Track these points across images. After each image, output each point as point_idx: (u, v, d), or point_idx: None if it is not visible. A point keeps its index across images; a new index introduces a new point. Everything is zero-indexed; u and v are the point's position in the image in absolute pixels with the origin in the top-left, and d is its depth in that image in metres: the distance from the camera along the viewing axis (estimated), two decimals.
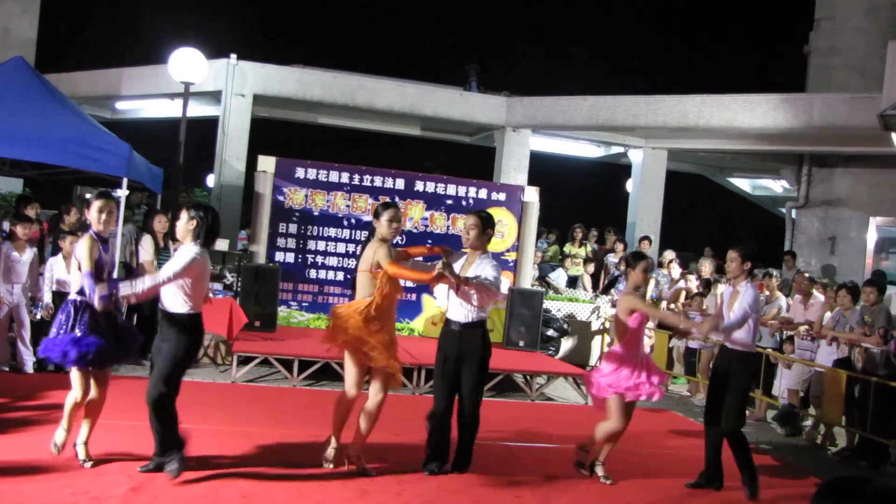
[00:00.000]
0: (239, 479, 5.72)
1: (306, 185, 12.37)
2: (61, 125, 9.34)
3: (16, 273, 8.97)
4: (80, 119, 9.98)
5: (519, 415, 5.99)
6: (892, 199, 15.92)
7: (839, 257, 16.41)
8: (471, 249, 6.35)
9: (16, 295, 8.99)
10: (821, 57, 17.45)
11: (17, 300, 9.02)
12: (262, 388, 9.44)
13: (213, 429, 5.67)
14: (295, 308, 12.29)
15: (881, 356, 8.53)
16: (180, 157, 12.68)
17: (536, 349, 11.94)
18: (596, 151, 19.28)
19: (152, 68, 16.43)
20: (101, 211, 5.72)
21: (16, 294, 8.99)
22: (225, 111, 16.11)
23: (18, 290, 9.02)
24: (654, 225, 17.50)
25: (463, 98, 17.41)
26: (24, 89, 9.62)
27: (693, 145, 17.44)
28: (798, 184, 17.21)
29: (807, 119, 14.98)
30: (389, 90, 16.91)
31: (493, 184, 14.68)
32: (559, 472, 6.79)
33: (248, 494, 5.44)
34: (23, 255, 9.06)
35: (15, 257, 8.99)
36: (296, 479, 5.87)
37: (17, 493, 5.08)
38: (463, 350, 6.23)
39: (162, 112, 18.46)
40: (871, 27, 16.56)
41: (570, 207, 22.48)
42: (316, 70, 16.96)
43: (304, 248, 12.36)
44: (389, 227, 6.07)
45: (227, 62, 16.00)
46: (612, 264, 14.95)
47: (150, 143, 14.56)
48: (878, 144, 14.17)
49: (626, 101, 16.43)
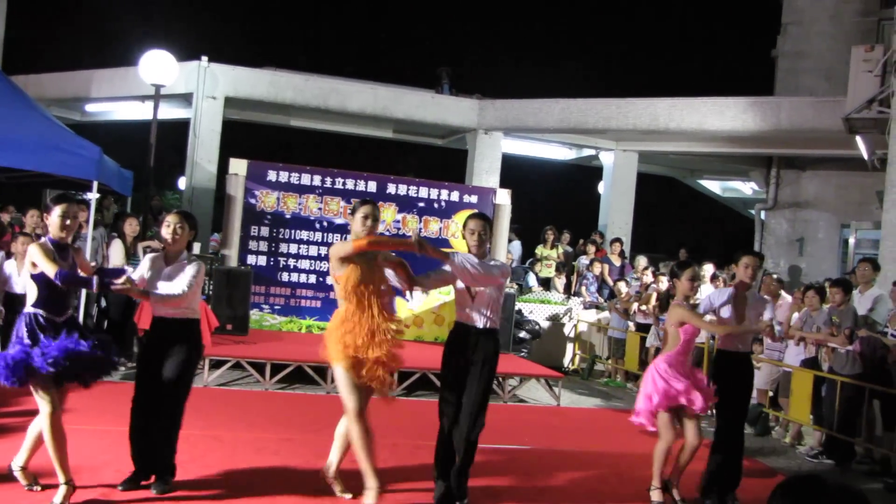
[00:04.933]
0: (211, 484, 5.70)
1: (278, 188, 12.34)
2: (29, 128, 9.25)
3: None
4: (48, 122, 9.90)
5: (491, 416, 5.99)
6: (858, 202, 16.15)
7: (807, 258, 16.63)
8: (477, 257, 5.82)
9: None
10: (788, 61, 17.68)
11: None
12: (235, 391, 9.41)
13: (185, 433, 5.65)
14: (267, 311, 12.24)
15: (847, 356, 8.65)
16: (151, 159, 12.59)
17: (509, 351, 11.98)
18: (567, 154, 19.39)
19: (122, 70, 16.32)
20: (64, 216, 5.23)
21: None
22: (196, 114, 16.03)
23: None
24: (625, 227, 17.63)
25: (435, 101, 17.45)
26: None
27: (664, 148, 17.59)
28: (767, 186, 17.43)
29: (775, 122, 15.17)
30: (362, 93, 16.91)
31: (465, 186, 14.74)
32: (532, 472, 6.83)
33: (220, 499, 5.43)
34: None
35: None
36: (269, 485, 5.86)
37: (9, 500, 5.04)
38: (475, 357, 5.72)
39: (132, 114, 18.33)
40: (836, 32, 16.81)
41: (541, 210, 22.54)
42: (288, 73, 16.93)
43: (276, 251, 12.32)
44: (363, 225, 5.59)
45: (199, 64, 15.93)
46: (583, 266, 15.04)
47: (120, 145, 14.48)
48: (844, 147, 14.38)
49: (598, 104, 16.55)
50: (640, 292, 13.46)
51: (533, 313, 13.80)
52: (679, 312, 6.35)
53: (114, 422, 7.14)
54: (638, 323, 12.90)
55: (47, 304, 5.16)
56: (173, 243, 5.59)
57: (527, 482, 6.55)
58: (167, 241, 5.62)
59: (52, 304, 5.17)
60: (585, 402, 11.15)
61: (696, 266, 6.63)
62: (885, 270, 10.09)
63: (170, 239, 5.58)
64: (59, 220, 5.22)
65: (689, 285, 6.49)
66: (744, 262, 6.80)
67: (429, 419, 6.28)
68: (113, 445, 6.29)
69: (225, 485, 5.73)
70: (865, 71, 12.00)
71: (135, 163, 12.19)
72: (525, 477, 6.70)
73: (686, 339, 6.36)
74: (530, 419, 9.41)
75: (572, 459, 7.54)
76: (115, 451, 6.11)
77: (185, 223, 5.63)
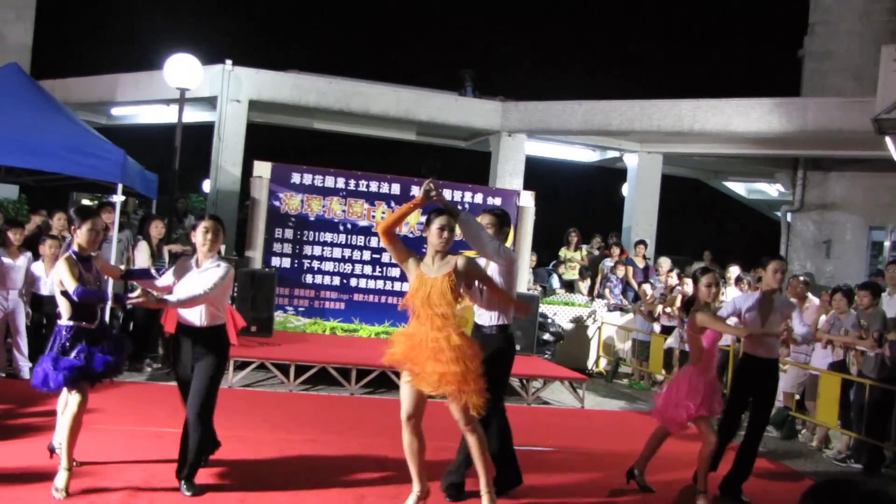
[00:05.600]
0: (235, 485, 5.73)
1: (302, 191, 12.39)
2: (56, 132, 9.34)
3: (10, 279, 8.94)
4: (74, 125, 9.99)
5: (515, 419, 5.98)
6: (887, 204, 15.97)
7: (834, 261, 16.46)
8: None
9: (11, 301, 8.96)
10: (815, 61, 17.50)
11: (13, 306, 8.99)
12: (259, 392, 9.45)
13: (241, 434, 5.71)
14: (291, 313, 12.29)
15: (876, 359, 8.56)
16: (176, 162, 12.67)
17: (533, 353, 11.96)
18: (591, 156, 19.31)
19: (148, 74, 16.43)
20: (92, 230, 5.56)
21: (11, 300, 8.96)
22: (220, 117, 16.12)
23: (14, 296, 9.00)
24: (649, 229, 17.53)
25: (458, 103, 17.44)
26: (19, 96, 9.61)
27: (688, 149, 17.47)
28: (793, 188, 17.26)
29: (801, 123, 15.02)
30: (385, 95, 16.93)
31: (489, 188, 14.71)
32: (556, 475, 6.81)
33: (245, 499, 5.45)
34: (16, 260, 9.03)
35: (8, 263, 8.96)
36: (292, 485, 5.87)
37: (14, 499, 5.09)
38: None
39: (157, 118, 18.46)
40: (864, 31, 16.61)
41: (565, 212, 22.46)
42: (311, 76, 16.98)
43: (300, 253, 12.37)
44: (440, 237, 5.34)
45: (223, 68, 16.02)
46: (607, 268, 14.97)
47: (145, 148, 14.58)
48: (872, 148, 14.22)
49: (621, 106, 16.47)
50: (664, 294, 13.39)
51: (557, 315, 13.75)
52: (699, 318, 6.33)
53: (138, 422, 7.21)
54: (663, 325, 12.83)
55: (81, 315, 5.48)
56: (210, 249, 5.59)
57: (550, 484, 6.53)
58: (201, 247, 5.61)
59: (84, 314, 5.49)
60: (609, 405, 11.11)
61: (716, 272, 6.61)
62: None
63: (206, 245, 5.58)
64: (87, 235, 5.54)
65: (706, 291, 6.46)
66: (772, 266, 6.79)
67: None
68: (138, 445, 6.34)
69: (249, 485, 5.74)
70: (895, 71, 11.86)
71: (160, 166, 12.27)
72: (549, 479, 6.67)
73: (709, 347, 6.35)
74: (554, 421, 9.39)
75: (596, 461, 7.51)
76: (142, 450, 6.16)
77: (219, 228, 5.66)
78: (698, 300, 6.55)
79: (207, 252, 5.58)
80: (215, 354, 5.58)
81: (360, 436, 7.51)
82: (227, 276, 5.53)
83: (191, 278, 5.53)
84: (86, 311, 5.50)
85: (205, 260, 5.59)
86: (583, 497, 6.36)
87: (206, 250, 5.58)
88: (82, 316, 5.49)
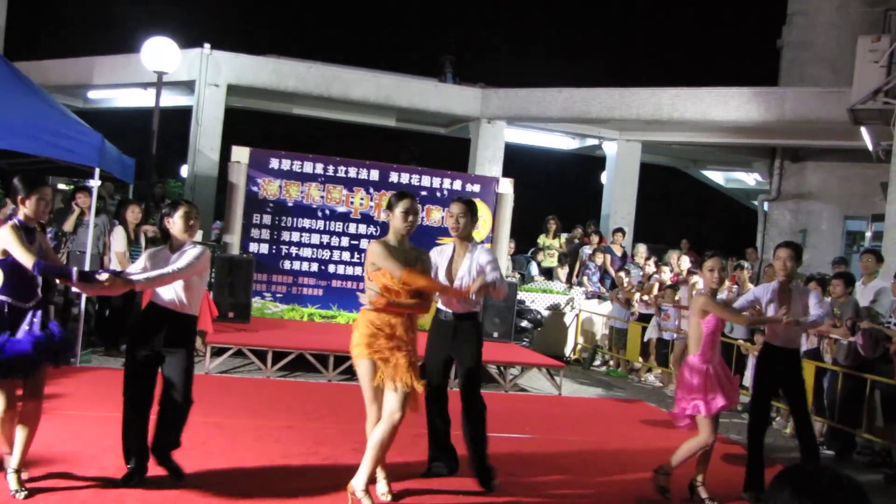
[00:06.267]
0: (213, 471, 5.73)
1: (280, 176, 12.34)
2: (31, 113, 9.20)
3: None
4: (50, 107, 9.84)
5: (493, 406, 6.00)
6: (862, 193, 16.13)
7: (810, 249, 16.61)
8: (458, 240, 5.95)
9: None
10: (793, 51, 17.63)
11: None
12: (236, 378, 9.44)
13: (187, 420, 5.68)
14: (269, 299, 12.27)
15: (848, 347, 8.67)
16: (153, 147, 12.58)
17: (511, 340, 12.01)
18: (570, 143, 19.37)
19: (125, 57, 16.30)
20: (40, 200, 5.13)
21: None
22: (199, 101, 16.03)
23: None
24: (628, 217, 17.63)
25: (438, 89, 17.43)
26: None
27: (667, 138, 17.57)
28: (770, 177, 17.42)
29: (779, 112, 15.14)
30: (364, 81, 16.89)
31: (468, 175, 14.73)
32: (533, 461, 6.85)
33: (223, 485, 5.45)
34: None
35: None
36: (269, 472, 5.88)
37: None
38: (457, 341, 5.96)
39: (135, 102, 18.33)
40: (842, 22, 16.74)
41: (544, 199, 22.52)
42: (291, 60, 16.91)
43: (278, 239, 12.34)
44: (405, 220, 5.40)
45: (201, 52, 15.92)
46: (586, 255, 15.04)
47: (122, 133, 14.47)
48: (848, 138, 14.37)
49: (601, 94, 16.52)
50: (641, 282, 13.47)
51: (535, 302, 13.81)
52: (701, 301, 6.18)
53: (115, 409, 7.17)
54: (640, 313, 12.91)
55: (15, 290, 4.98)
56: (190, 235, 5.40)
57: (528, 471, 6.57)
58: (182, 232, 5.37)
59: (20, 290, 5.00)
60: (587, 392, 11.18)
61: (720, 257, 6.47)
62: (888, 262, 10.08)
63: (184, 229, 5.36)
64: (36, 206, 5.11)
65: (709, 276, 6.28)
66: (777, 254, 6.68)
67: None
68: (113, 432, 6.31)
69: (227, 472, 5.74)
70: (871, 61, 11.96)
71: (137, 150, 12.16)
72: (526, 466, 6.71)
73: (708, 332, 6.15)
74: (531, 408, 9.43)
75: (573, 448, 7.56)
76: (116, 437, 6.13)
77: (197, 214, 5.48)
78: (704, 285, 6.44)
79: (186, 237, 5.38)
80: (186, 345, 5.42)
81: (338, 422, 7.52)
82: (202, 256, 5.30)
83: (166, 263, 5.27)
84: (25, 287, 5.01)
85: (178, 246, 5.39)
86: (559, 484, 6.40)
87: (186, 236, 5.37)
88: (18, 291, 4.98)
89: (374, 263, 5.29)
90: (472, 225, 5.97)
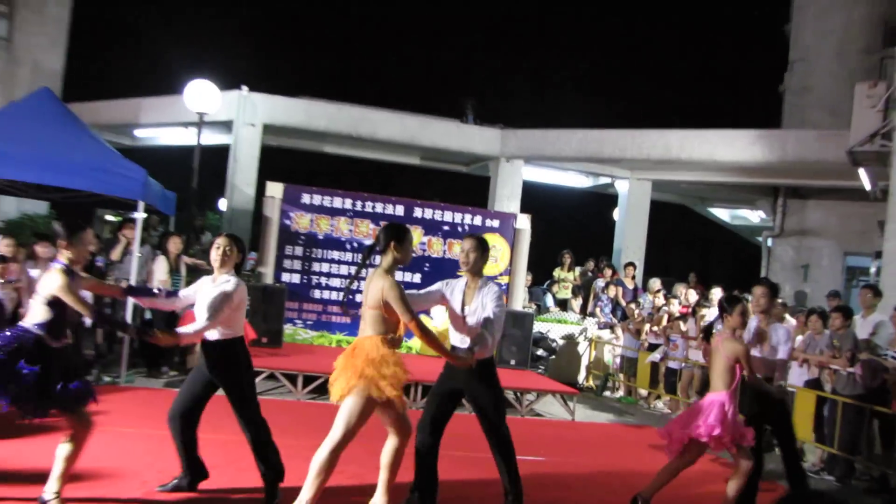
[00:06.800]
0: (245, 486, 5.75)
1: (312, 210, 12.45)
2: (83, 152, 9.40)
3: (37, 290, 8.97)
4: (99, 146, 10.05)
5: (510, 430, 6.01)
6: (860, 231, 16.04)
7: (811, 284, 16.53)
8: (470, 275, 5.72)
9: None
10: (795, 95, 17.67)
11: None
12: (268, 400, 9.44)
13: (223, 438, 5.73)
14: (300, 326, 12.33)
15: (848, 378, 8.60)
16: (194, 182, 12.75)
17: (527, 367, 11.98)
18: (584, 181, 19.40)
19: (169, 99, 16.56)
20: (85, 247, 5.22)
21: None
22: (236, 140, 16.23)
23: None
24: (638, 251, 17.60)
25: (460, 130, 17.55)
26: (50, 118, 9.69)
27: (676, 177, 17.56)
28: (773, 214, 17.35)
29: (781, 153, 15.12)
30: (390, 122, 17.04)
31: (488, 211, 14.78)
32: (547, 483, 6.83)
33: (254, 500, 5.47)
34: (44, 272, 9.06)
35: (35, 276, 9.01)
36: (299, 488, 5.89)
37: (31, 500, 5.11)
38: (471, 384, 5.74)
39: (177, 140, 18.58)
40: (840, 69, 16.79)
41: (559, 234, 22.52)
42: (322, 102, 17.10)
43: (308, 270, 12.42)
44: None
45: (239, 94, 16.14)
46: (598, 288, 15.01)
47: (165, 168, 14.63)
48: (847, 178, 14.31)
49: (613, 135, 16.58)
50: (651, 314, 13.42)
51: (550, 332, 13.79)
52: (736, 349, 6.01)
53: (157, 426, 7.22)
54: (649, 343, 12.86)
55: (49, 328, 4.91)
56: (221, 265, 5.43)
57: (542, 492, 6.55)
58: (215, 263, 5.44)
59: (52, 329, 4.93)
60: (599, 418, 11.12)
61: (746, 301, 6.35)
62: (886, 296, 10.01)
63: (218, 261, 5.42)
64: (79, 250, 5.15)
65: (739, 320, 6.16)
66: (753, 292, 6.70)
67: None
68: (155, 448, 6.37)
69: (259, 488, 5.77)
70: (868, 106, 11.96)
71: (178, 185, 12.32)
72: (540, 487, 6.70)
73: (740, 377, 6.03)
74: (546, 432, 9.40)
75: (585, 472, 7.53)
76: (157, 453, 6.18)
77: (233, 246, 5.49)
78: (727, 327, 6.21)
79: (220, 268, 5.45)
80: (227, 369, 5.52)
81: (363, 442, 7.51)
82: (233, 293, 5.31)
83: (205, 291, 5.42)
84: (57, 328, 4.94)
85: (219, 275, 5.49)
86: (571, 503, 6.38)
87: (218, 266, 5.45)
88: (50, 330, 4.90)
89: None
90: (482, 261, 5.71)
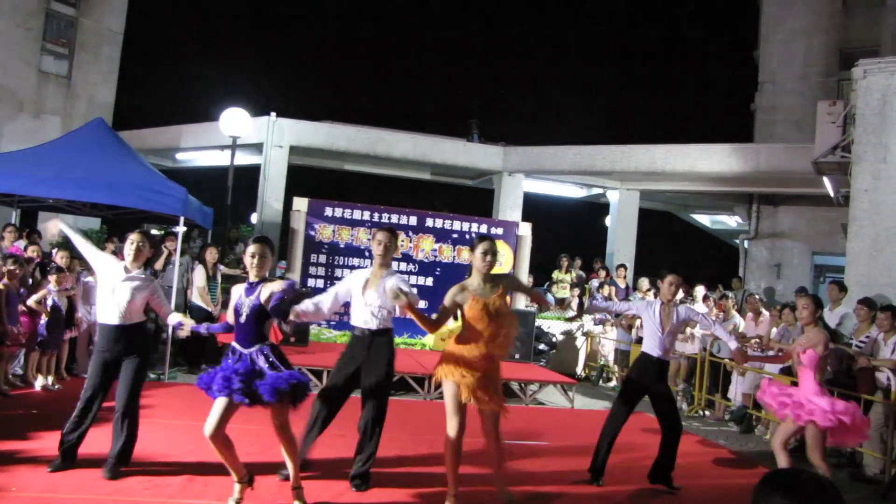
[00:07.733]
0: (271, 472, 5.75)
1: (334, 222, 12.47)
2: (130, 174, 9.48)
3: (93, 296, 9.05)
4: (145, 168, 10.14)
5: (514, 417, 5.99)
6: (826, 233, 15.96)
7: (783, 281, 16.43)
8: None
9: (93, 314, 9.05)
10: (765, 113, 17.63)
11: (95, 319, 9.06)
12: None
13: (255, 428, 5.73)
14: (324, 326, 12.34)
15: None
16: (228, 198, 12.80)
17: (530, 360, 11.95)
18: (579, 192, 19.35)
19: (206, 125, 16.63)
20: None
21: (93, 314, 9.05)
22: (266, 160, 16.27)
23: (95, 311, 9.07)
24: (629, 255, 17.54)
25: (466, 148, 17.55)
26: (103, 145, 9.82)
27: (661, 187, 17.50)
28: (749, 219, 17.26)
29: (755, 165, 15.06)
30: (404, 141, 17.06)
31: (492, 220, 14.78)
32: (550, 464, 6.81)
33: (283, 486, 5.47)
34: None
35: (91, 283, 9.09)
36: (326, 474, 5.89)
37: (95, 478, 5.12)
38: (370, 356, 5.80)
39: (213, 161, 18.64)
40: (804, 89, 16.83)
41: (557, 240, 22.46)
42: (342, 125, 17.13)
43: (331, 276, 12.43)
44: (483, 260, 5.34)
45: (268, 119, 16.19)
46: (594, 287, 14.97)
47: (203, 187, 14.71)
48: (813, 186, 14.23)
49: (605, 150, 16.54)
50: None
51: (550, 328, 13.75)
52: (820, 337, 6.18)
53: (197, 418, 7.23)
54: (639, 337, 12.80)
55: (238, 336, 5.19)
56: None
57: (545, 472, 6.53)
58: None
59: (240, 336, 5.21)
60: (595, 405, 11.07)
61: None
62: (850, 291, 9.95)
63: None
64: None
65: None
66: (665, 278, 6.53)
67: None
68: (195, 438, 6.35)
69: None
70: (829, 122, 11.90)
71: (215, 201, 12.37)
72: (544, 468, 6.68)
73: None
74: (548, 419, 9.37)
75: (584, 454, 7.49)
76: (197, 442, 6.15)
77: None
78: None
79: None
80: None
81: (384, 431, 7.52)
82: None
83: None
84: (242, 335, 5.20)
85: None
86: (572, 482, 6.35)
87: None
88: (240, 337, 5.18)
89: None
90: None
